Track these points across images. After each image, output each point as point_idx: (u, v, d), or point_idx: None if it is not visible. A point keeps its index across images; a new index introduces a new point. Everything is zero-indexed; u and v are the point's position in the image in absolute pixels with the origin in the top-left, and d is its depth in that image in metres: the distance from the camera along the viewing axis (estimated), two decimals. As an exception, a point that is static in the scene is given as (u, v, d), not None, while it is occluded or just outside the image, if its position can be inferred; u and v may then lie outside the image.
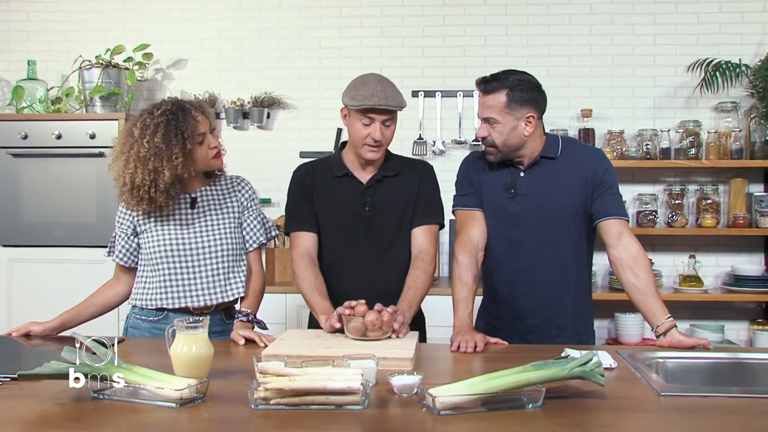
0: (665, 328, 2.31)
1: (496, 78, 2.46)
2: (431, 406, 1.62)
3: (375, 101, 2.44)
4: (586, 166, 2.50)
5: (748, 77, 4.30)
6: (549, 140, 2.55)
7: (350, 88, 2.52)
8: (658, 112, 4.48)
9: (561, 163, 2.51)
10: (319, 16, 4.68)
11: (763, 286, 4.18)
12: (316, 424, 1.58)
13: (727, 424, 1.61)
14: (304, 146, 4.68)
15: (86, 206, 4.13)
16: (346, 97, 2.51)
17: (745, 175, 4.35)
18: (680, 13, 4.48)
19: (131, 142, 2.41)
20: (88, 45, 4.63)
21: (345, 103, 2.52)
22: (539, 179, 2.51)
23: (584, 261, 2.58)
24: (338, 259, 2.59)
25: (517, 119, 2.44)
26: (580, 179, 2.49)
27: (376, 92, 2.45)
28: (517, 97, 2.42)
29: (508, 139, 2.46)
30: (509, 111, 2.43)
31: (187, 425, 1.60)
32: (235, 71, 4.71)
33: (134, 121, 2.46)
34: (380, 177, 2.61)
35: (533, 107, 2.45)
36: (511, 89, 2.42)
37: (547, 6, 4.55)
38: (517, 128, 2.44)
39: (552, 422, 1.59)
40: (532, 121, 2.46)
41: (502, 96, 2.43)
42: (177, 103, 2.46)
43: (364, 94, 2.45)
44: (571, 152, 2.54)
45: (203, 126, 2.46)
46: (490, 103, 2.45)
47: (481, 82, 2.49)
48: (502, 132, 2.45)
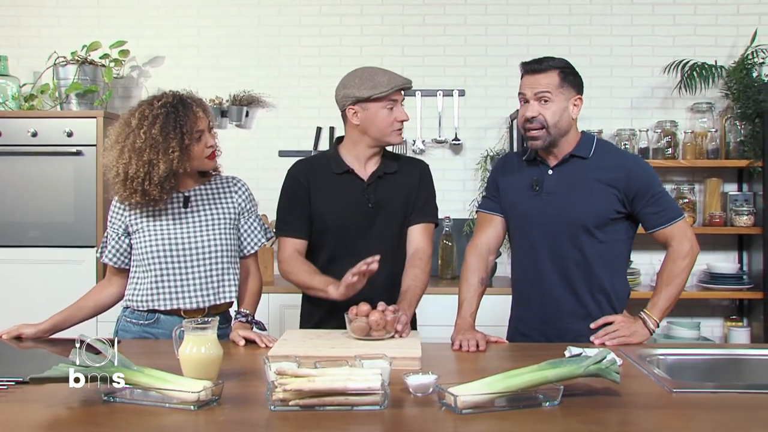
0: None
1: (546, 59, 2.45)
2: (452, 405, 1.62)
3: (401, 81, 2.51)
4: (619, 172, 2.42)
5: (723, 78, 4.38)
6: (583, 138, 2.50)
7: (357, 84, 2.49)
8: (636, 112, 4.54)
9: (592, 165, 2.45)
10: (298, 14, 4.64)
11: (737, 283, 4.26)
12: (336, 425, 1.57)
13: (741, 419, 1.65)
14: (284, 145, 4.64)
15: (63, 205, 4.03)
16: (362, 90, 2.48)
17: (719, 174, 4.43)
18: (657, 14, 4.54)
19: (127, 131, 2.36)
20: (62, 41, 4.53)
21: (364, 96, 2.48)
22: (567, 178, 2.45)
23: (615, 263, 2.49)
24: (341, 256, 2.56)
25: (568, 100, 2.41)
26: (612, 184, 2.41)
27: (392, 76, 2.51)
28: (569, 79, 2.41)
29: (560, 119, 2.40)
30: (562, 91, 2.40)
31: (208, 428, 1.58)
32: (213, 69, 4.65)
33: (132, 111, 2.40)
34: (381, 173, 2.60)
35: (579, 91, 2.45)
36: (562, 70, 2.41)
37: (527, 6, 4.59)
38: (567, 110, 2.41)
39: (573, 420, 1.60)
40: (579, 104, 2.44)
41: (555, 75, 2.40)
42: (178, 96, 2.42)
43: (381, 81, 2.48)
44: (605, 155, 2.47)
45: (202, 123, 2.42)
46: (544, 82, 2.40)
47: (532, 62, 2.46)
48: (555, 111, 2.39)
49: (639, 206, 2.41)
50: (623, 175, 2.41)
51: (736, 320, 4.42)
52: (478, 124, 4.60)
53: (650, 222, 2.43)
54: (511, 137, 4.53)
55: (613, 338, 2.36)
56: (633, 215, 2.45)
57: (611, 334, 2.37)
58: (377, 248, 2.43)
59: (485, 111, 4.60)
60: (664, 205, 2.43)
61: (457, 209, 4.51)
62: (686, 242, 2.43)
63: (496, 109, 4.57)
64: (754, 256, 4.39)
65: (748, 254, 4.48)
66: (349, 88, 2.51)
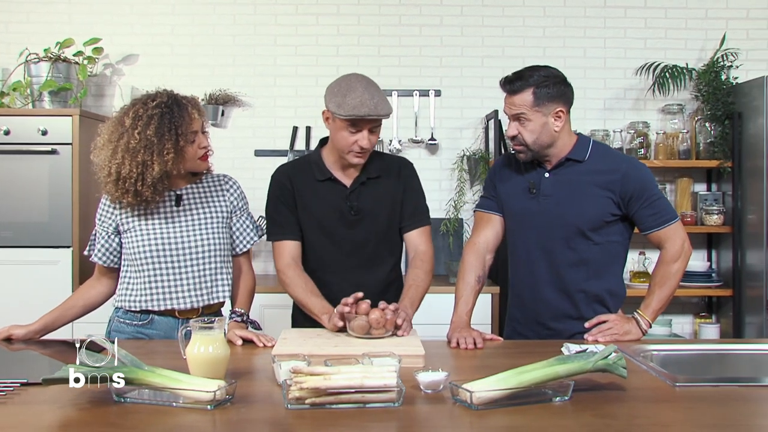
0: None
1: (521, 76, 2.40)
2: (467, 401, 1.64)
3: (365, 111, 2.38)
4: (615, 175, 2.44)
5: (693, 81, 4.49)
6: (579, 141, 2.50)
7: (335, 93, 2.43)
8: (609, 113, 4.62)
9: (588, 168, 2.46)
10: (274, 14, 4.62)
11: (707, 281, 4.36)
12: (353, 423, 1.58)
13: (745, 411, 1.71)
14: (260, 144, 4.62)
15: (37, 205, 3.95)
16: (332, 103, 2.42)
17: (690, 174, 4.54)
18: (629, 17, 4.63)
19: (121, 131, 2.32)
20: (31, 37, 4.45)
21: (331, 110, 2.43)
22: (563, 181, 2.47)
23: (610, 265, 2.52)
24: (324, 265, 2.57)
25: (546, 115, 2.39)
26: (607, 187, 2.44)
27: (365, 101, 2.39)
28: (544, 94, 2.38)
29: (539, 137, 2.40)
30: (538, 108, 2.38)
31: (226, 427, 1.57)
32: (187, 67, 4.60)
33: (125, 110, 2.36)
34: (364, 179, 2.58)
35: (561, 101, 2.42)
36: (537, 86, 2.37)
37: (502, 8, 4.63)
38: (548, 124, 2.40)
39: (586, 414, 1.63)
40: (561, 115, 2.42)
41: (528, 94, 2.38)
42: (173, 96, 2.38)
43: (353, 102, 2.38)
44: (601, 158, 2.48)
45: (197, 124, 2.39)
46: (518, 103, 2.39)
47: (506, 82, 2.44)
48: (533, 130, 2.40)
49: (634, 208, 2.44)
50: (619, 178, 2.43)
51: (705, 317, 4.53)
52: (454, 124, 4.64)
53: (645, 224, 2.47)
54: (486, 137, 4.58)
55: (606, 336, 2.40)
56: (628, 217, 2.49)
57: (605, 332, 2.41)
58: (361, 255, 2.42)
59: (461, 111, 4.64)
60: (659, 208, 2.46)
61: (434, 209, 4.42)
62: (680, 244, 2.48)
63: (471, 109, 4.61)
64: (723, 254, 4.50)
65: (717, 252, 4.59)
66: (327, 93, 2.47)
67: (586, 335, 2.42)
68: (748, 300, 4.22)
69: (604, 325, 2.43)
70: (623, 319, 2.46)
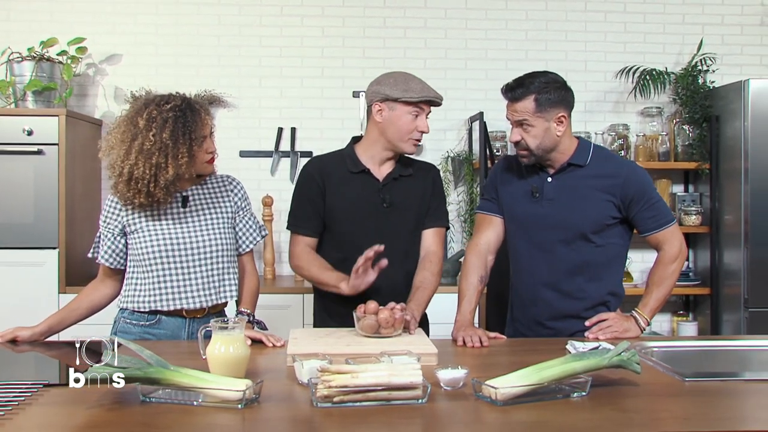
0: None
1: (522, 84, 2.47)
2: (492, 397, 1.68)
3: (433, 94, 2.54)
4: (616, 179, 2.51)
5: (671, 84, 4.60)
6: (580, 146, 2.57)
7: (394, 84, 2.52)
8: (589, 115, 4.70)
9: (589, 172, 2.53)
10: (259, 14, 4.62)
11: (685, 280, 4.47)
12: (382, 420, 1.60)
13: (757, 405, 1.78)
14: (244, 145, 4.62)
15: (22, 206, 3.90)
16: (395, 91, 2.50)
17: (668, 176, 4.64)
18: (609, 21, 4.73)
19: (134, 132, 2.32)
20: (12, 35, 4.39)
21: (395, 97, 2.50)
22: (566, 186, 2.53)
23: (610, 266, 2.59)
24: (354, 255, 2.57)
25: (548, 120, 2.46)
26: (608, 191, 2.51)
27: (423, 85, 2.54)
28: (545, 100, 2.44)
29: (542, 142, 2.47)
30: (540, 114, 2.45)
31: (257, 425, 1.59)
32: (171, 68, 4.58)
33: (137, 110, 2.36)
34: (396, 175, 2.63)
35: (562, 106, 2.48)
36: (538, 93, 2.44)
37: (485, 11, 4.69)
38: (550, 129, 2.47)
39: (606, 408, 1.68)
40: (564, 120, 2.48)
41: (530, 101, 2.44)
42: (186, 100, 2.40)
43: (417, 88, 2.51)
44: (602, 162, 2.55)
45: (207, 129, 2.42)
46: (520, 109, 2.46)
47: (507, 89, 2.50)
48: (536, 135, 2.47)
49: (634, 211, 2.52)
50: (620, 182, 2.51)
51: (683, 315, 4.64)
52: (438, 126, 4.66)
53: (644, 226, 2.55)
54: (470, 139, 4.63)
55: (607, 333, 2.46)
56: (628, 219, 2.56)
57: (605, 329, 2.47)
58: (391, 248, 2.45)
59: (444, 113, 4.67)
60: (658, 211, 2.54)
61: (419, 209, 4.56)
62: (677, 246, 2.56)
63: (455, 111, 4.65)
64: (701, 254, 4.62)
65: (695, 252, 4.71)
66: (381, 85, 2.54)
67: (586, 333, 2.48)
68: (726, 298, 4.34)
69: (604, 323, 2.50)
70: (622, 317, 2.53)
